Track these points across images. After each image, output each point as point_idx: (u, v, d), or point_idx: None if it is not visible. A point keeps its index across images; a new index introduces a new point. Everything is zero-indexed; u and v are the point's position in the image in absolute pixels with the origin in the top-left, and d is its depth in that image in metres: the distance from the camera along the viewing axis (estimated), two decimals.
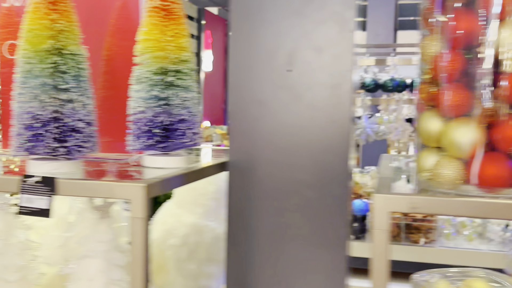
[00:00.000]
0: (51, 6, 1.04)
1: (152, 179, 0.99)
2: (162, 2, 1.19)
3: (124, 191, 0.94)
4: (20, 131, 1.04)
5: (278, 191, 1.31)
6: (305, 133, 1.28)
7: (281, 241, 1.31)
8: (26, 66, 1.04)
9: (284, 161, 1.30)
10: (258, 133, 1.32)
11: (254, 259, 1.34)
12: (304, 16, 1.26)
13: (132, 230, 0.95)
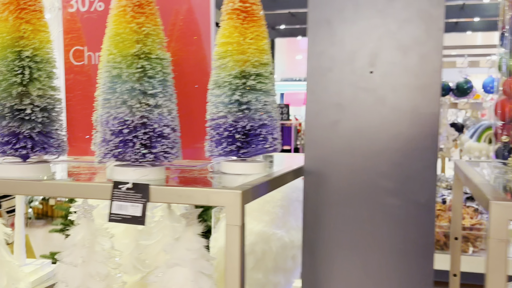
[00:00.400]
0: (138, 9, 1.02)
1: (245, 185, 0.95)
2: (242, 3, 1.17)
3: (219, 198, 0.91)
4: (107, 138, 1.02)
5: (357, 198, 1.27)
6: (387, 138, 1.24)
7: (361, 250, 1.27)
8: (114, 71, 1.02)
9: (364, 167, 1.26)
10: (336, 138, 1.28)
11: (331, 269, 1.30)
12: (387, 15, 1.21)
13: (227, 237, 0.91)
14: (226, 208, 0.91)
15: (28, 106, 1.06)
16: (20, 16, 1.07)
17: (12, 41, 1.06)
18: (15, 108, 1.05)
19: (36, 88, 1.07)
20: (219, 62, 1.18)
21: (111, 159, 1.03)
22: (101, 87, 1.04)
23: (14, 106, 1.05)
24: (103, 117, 1.04)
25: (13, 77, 1.05)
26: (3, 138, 1.05)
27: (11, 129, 1.05)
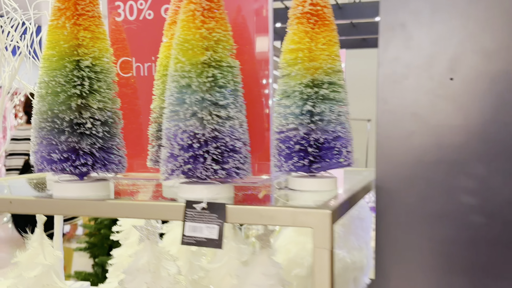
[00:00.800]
0: (208, 13, 0.94)
1: (332, 204, 0.86)
2: (313, 7, 1.08)
3: (306, 219, 0.82)
4: (175, 153, 0.94)
5: (437, 217, 1.16)
6: (469, 150, 1.13)
7: (442, 273, 1.15)
8: (183, 81, 0.93)
9: (445, 182, 1.15)
10: (411, 149, 1.18)
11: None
12: (469, 17, 1.11)
13: (315, 262, 0.82)
14: (314, 230, 0.81)
15: (89, 119, 0.98)
16: (78, 23, 0.99)
17: (70, 49, 0.98)
18: (75, 122, 0.97)
19: (97, 100, 0.99)
20: (288, 70, 1.09)
21: (180, 176, 0.94)
22: (168, 98, 0.96)
23: (73, 119, 0.97)
24: (170, 130, 0.95)
25: (72, 88, 0.97)
26: (62, 155, 0.97)
27: (70, 144, 0.97)
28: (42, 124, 0.98)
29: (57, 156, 0.96)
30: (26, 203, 0.97)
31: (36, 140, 0.99)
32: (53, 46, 0.98)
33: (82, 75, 0.98)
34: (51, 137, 0.97)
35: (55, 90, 0.97)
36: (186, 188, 0.96)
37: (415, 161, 1.17)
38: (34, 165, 1.00)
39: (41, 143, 0.98)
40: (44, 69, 0.98)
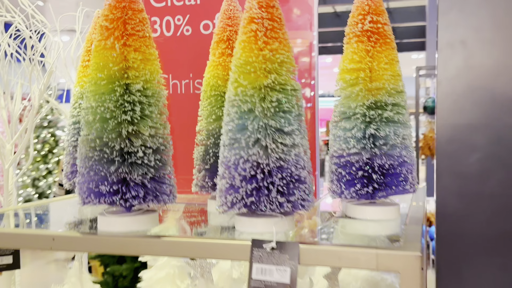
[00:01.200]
0: (271, 33, 0.87)
1: (418, 244, 0.78)
2: (374, 24, 1.01)
3: (394, 262, 0.74)
4: (236, 184, 0.86)
5: (507, 245, 1.08)
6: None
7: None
8: (244, 106, 0.86)
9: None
10: (473, 169, 1.10)
11: None
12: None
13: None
14: (401, 275, 0.73)
15: (140, 148, 0.90)
16: (128, 44, 0.92)
17: (120, 72, 0.91)
18: (126, 150, 0.90)
19: (148, 127, 0.92)
20: (348, 91, 1.02)
21: (241, 209, 0.86)
22: (227, 124, 0.88)
23: (124, 148, 0.90)
24: (229, 159, 0.87)
25: (122, 114, 0.90)
26: (111, 187, 0.89)
27: (121, 175, 0.90)
28: (89, 154, 0.90)
29: (106, 188, 0.89)
30: (71, 241, 0.89)
31: (83, 171, 0.91)
32: (101, 68, 0.91)
33: (133, 100, 0.90)
34: (99, 167, 0.89)
35: (104, 117, 0.89)
36: (245, 222, 0.88)
37: (482, 182, 1.10)
38: (79, 197, 0.93)
39: (88, 174, 0.91)
40: (91, 93, 0.91)
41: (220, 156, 0.91)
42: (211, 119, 1.11)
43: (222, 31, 1.12)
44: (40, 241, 0.90)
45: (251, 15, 0.88)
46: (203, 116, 1.13)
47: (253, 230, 0.87)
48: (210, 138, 1.11)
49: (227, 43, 1.11)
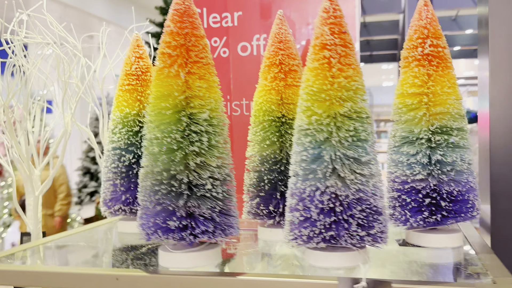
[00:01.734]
0: (345, 60, 0.84)
1: (508, 277, 0.75)
2: (435, 48, 0.99)
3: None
4: (313, 217, 0.83)
5: None
6: None
7: None
8: (320, 135, 0.83)
9: None
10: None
11: None
12: None
13: None
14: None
15: (208, 179, 0.87)
16: (192, 71, 0.89)
17: (186, 101, 0.87)
18: (194, 183, 0.86)
19: (215, 157, 0.88)
20: (410, 115, 1.00)
21: (320, 243, 0.83)
22: (300, 154, 0.85)
23: (192, 181, 0.86)
24: (304, 191, 0.84)
25: (189, 145, 0.86)
26: (180, 222, 0.85)
27: (189, 210, 0.86)
28: (155, 187, 0.86)
29: (175, 223, 0.85)
30: (136, 280, 0.85)
31: (147, 204, 0.87)
32: (165, 97, 0.87)
33: (200, 130, 0.87)
34: (167, 201, 0.85)
35: (171, 148, 0.85)
36: (319, 256, 0.85)
37: None
38: (142, 232, 0.88)
39: (154, 208, 0.86)
40: (156, 123, 0.87)
41: (290, 186, 0.87)
42: (265, 144, 1.07)
43: (274, 55, 1.09)
44: (103, 281, 0.85)
45: (323, 42, 0.85)
46: (255, 141, 1.09)
47: (327, 265, 0.84)
48: (264, 164, 1.07)
49: (279, 67, 1.08)
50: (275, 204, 1.07)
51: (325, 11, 0.86)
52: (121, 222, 1.25)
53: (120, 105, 1.23)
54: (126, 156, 1.21)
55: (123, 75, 1.25)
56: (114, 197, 1.22)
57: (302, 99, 0.86)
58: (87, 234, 1.27)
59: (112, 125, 1.25)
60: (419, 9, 1.03)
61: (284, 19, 1.11)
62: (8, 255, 1.02)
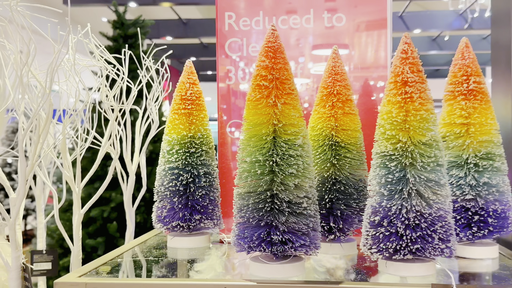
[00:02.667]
0: (424, 95, 0.98)
1: None
2: (477, 84, 1.16)
3: None
4: (398, 231, 0.95)
5: None
6: None
7: None
8: (406, 161, 0.96)
9: None
10: None
11: None
12: None
13: None
14: None
15: (304, 199, 0.97)
16: (287, 102, 0.99)
17: (284, 128, 0.98)
18: (293, 202, 0.96)
19: (308, 178, 0.99)
20: (459, 143, 1.15)
21: (407, 255, 0.95)
22: (385, 176, 0.97)
23: (292, 200, 0.96)
24: (391, 209, 0.96)
25: (288, 168, 0.96)
26: (283, 236, 0.94)
27: (290, 225, 0.95)
28: (259, 205, 0.95)
29: (278, 237, 0.94)
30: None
31: (250, 221, 0.96)
32: (265, 124, 0.98)
33: (296, 154, 0.97)
34: (270, 218, 0.95)
35: (272, 170, 0.95)
36: (399, 267, 0.97)
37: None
38: (243, 246, 0.96)
39: (256, 224, 0.95)
40: (256, 147, 0.97)
41: (372, 205, 0.99)
42: (325, 166, 1.18)
43: (332, 86, 1.21)
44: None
45: (404, 78, 0.98)
46: (315, 163, 1.20)
47: (407, 274, 0.96)
48: (325, 184, 1.18)
49: (337, 96, 1.20)
50: (333, 220, 1.18)
51: (404, 52, 0.99)
52: (176, 238, 1.31)
53: (176, 127, 1.31)
54: (184, 176, 1.28)
55: (178, 100, 1.32)
56: (169, 214, 1.28)
57: (385, 128, 0.99)
58: (143, 247, 1.32)
59: (167, 146, 1.31)
60: (461, 49, 1.19)
61: (338, 54, 1.24)
62: (99, 266, 1.07)
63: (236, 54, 1.46)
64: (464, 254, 1.14)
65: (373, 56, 1.38)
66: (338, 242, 1.19)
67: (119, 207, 3.07)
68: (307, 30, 1.42)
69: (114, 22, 3.53)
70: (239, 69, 1.46)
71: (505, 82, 1.41)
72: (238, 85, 1.45)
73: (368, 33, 1.39)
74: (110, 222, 3.01)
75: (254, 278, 0.96)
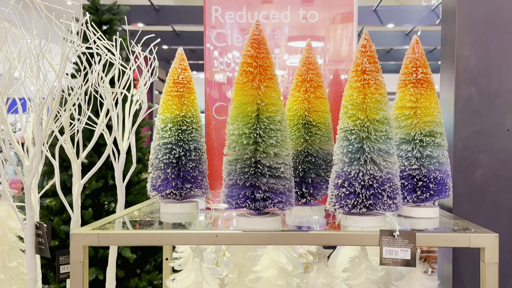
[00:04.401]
0: (378, 82, 1.21)
1: (488, 230, 1.16)
2: (424, 75, 1.40)
3: (480, 241, 1.11)
4: (355, 191, 1.19)
5: None
6: None
7: None
8: (362, 134, 1.19)
9: None
10: None
11: None
12: None
13: (487, 275, 1.10)
14: (486, 248, 1.10)
15: (281, 165, 1.19)
16: (268, 85, 1.21)
17: (266, 107, 1.20)
18: (273, 167, 1.18)
19: (285, 148, 1.21)
20: (407, 122, 1.39)
21: (363, 209, 1.19)
22: (347, 147, 1.20)
23: (272, 165, 1.18)
24: (350, 172, 1.19)
25: (269, 139, 1.18)
26: (264, 194, 1.17)
27: (270, 186, 1.18)
28: (245, 169, 1.18)
29: (261, 195, 1.17)
30: (232, 237, 1.15)
31: (237, 182, 1.18)
32: (250, 103, 1.19)
33: (276, 128, 1.20)
34: (254, 179, 1.17)
35: (256, 141, 1.18)
36: (356, 219, 1.21)
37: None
38: (231, 203, 1.18)
39: (243, 185, 1.18)
40: (243, 122, 1.19)
41: (336, 170, 1.22)
42: (300, 141, 1.41)
43: (305, 74, 1.43)
44: (207, 238, 1.14)
45: (363, 68, 1.21)
46: (290, 138, 1.42)
47: (363, 225, 1.20)
48: (299, 156, 1.41)
49: (310, 83, 1.43)
50: (305, 187, 1.41)
51: (363, 46, 1.22)
52: (169, 205, 1.51)
53: (170, 107, 1.51)
54: (177, 150, 1.49)
55: (171, 83, 1.52)
56: (163, 183, 1.49)
57: (347, 108, 1.22)
58: (139, 213, 1.52)
59: (161, 124, 1.51)
60: (412, 45, 1.43)
61: (311, 46, 1.46)
62: (104, 224, 1.27)
63: (221, 44, 1.67)
64: (411, 214, 1.39)
65: (341, 49, 1.62)
66: (309, 205, 1.42)
67: (94, 194, 3.07)
68: (284, 24, 1.64)
69: (88, 8, 3.45)
70: (224, 56, 1.67)
71: (450, 73, 1.67)
72: (223, 72, 1.66)
73: (337, 26, 1.62)
74: (85, 209, 3.00)
75: (241, 228, 1.18)
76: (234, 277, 1.59)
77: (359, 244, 1.21)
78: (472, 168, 1.57)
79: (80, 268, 1.12)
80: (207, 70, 1.69)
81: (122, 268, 2.94)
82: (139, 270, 3.07)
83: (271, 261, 1.44)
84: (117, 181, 1.87)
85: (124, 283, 2.94)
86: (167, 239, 1.14)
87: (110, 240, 1.14)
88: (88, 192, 3.03)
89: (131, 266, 3.01)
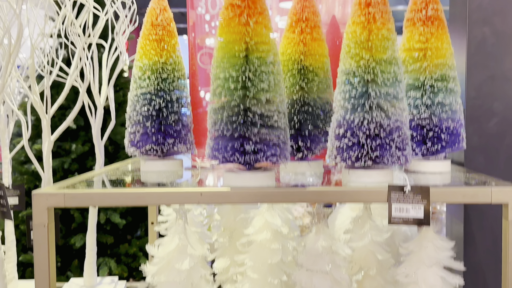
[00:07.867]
0: (385, 15, 1.04)
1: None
2: (435, 11, 1.23)
3: (503, 196, 0.97)
4: (360, 141, 1.03)
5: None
6: None
7: None
8: (367, 77, 1.03)
9: None
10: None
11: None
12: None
13: (508, 233, 0.97)
14: (510, 204, 0.97)
15: (275, 112, 1.04)
16: (259, 21, 1.04)
17: (256, 46, 1.03)
18: (265, 115, 1.03)
19: (279, 94, 1.05)
20: (416, 66, 1.23)
21: (368, 162, 1.04)
22: (349, 92, 1.04)
23: (264, 113, 1.02)
24: (354, 120, 1.04)
25: (260, 83, 1.02)
26: (255, 146, 1.01)
27: (262, 137, 1.02)
28: (233, 118, 1.02)
29: (251, 147, 1.01)
30: (218, 195, 1.00)
31: (224, 133, 1.02)
32: (238, 42, 1.02)
33: (268, 71, 1.03)
34: (244, 129, 1.01)
35: (246, 86, 1.01)
36: (360, 174, 1.06)
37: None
38: (217, 157, 1.03)
39: (231, 136, 1.02)
40: (230, 63, 1.03)
41: (337, 119, 1.06)
42: (295, 89, 1.25)
43: (301, 12, 1.26)
44: (189, 197, 0.99)
45: (367, 0, 1.04)
46: (284, 86, 1.26)
47: (369, 180, 1.05)
48: (294, 106, 1.25)
49: (306, 22, 1.25)
50: (302, 140, 1.25)
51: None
52: (149, 162, 1.36)
53: (148, 53, 1.33)
54: (157, 101, 1.32)
55: (148, 26, 1.34)
56: (143, 139, 1.33)
57: (350, 47, 1.05)
58: (116, 172, 1.37)
59: (139, 72, 1.34)
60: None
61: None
62: (78, 182, 1.12)
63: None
64: (419, 168, 1.25)
65: None
66: (306, 160, 1.27)
67: (80, 158, 2.97)
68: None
69: None
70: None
71: (461, 12, 1.49)
72: (206, 16, 1.48)
73: None
74: (72, 174, 2.91)
75: (229, 186, 1.04)
76: (224, 241, 1.46)
77: (365, 201, 1.07)
78: (485, 118, 1.42)
79: (44, 232, 0.97)
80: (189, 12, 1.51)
81: (112, 233, 2.82)
82: (130, 236, 2.95)
83: (264, 223, 1.30)
84: (94, 139, 1.71)
85: (114, 249, 2.83)
86: (143, 198, 0.99)
87: (77, 200, 0.99)
88: (74, 156, 2.90)
89: (121, 232, 2.89)
